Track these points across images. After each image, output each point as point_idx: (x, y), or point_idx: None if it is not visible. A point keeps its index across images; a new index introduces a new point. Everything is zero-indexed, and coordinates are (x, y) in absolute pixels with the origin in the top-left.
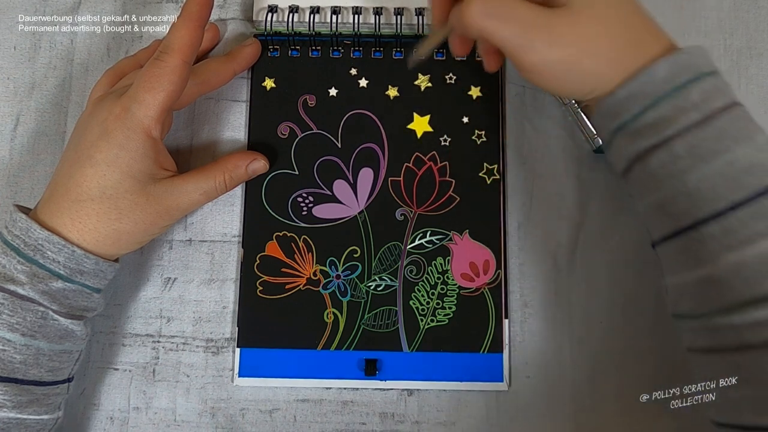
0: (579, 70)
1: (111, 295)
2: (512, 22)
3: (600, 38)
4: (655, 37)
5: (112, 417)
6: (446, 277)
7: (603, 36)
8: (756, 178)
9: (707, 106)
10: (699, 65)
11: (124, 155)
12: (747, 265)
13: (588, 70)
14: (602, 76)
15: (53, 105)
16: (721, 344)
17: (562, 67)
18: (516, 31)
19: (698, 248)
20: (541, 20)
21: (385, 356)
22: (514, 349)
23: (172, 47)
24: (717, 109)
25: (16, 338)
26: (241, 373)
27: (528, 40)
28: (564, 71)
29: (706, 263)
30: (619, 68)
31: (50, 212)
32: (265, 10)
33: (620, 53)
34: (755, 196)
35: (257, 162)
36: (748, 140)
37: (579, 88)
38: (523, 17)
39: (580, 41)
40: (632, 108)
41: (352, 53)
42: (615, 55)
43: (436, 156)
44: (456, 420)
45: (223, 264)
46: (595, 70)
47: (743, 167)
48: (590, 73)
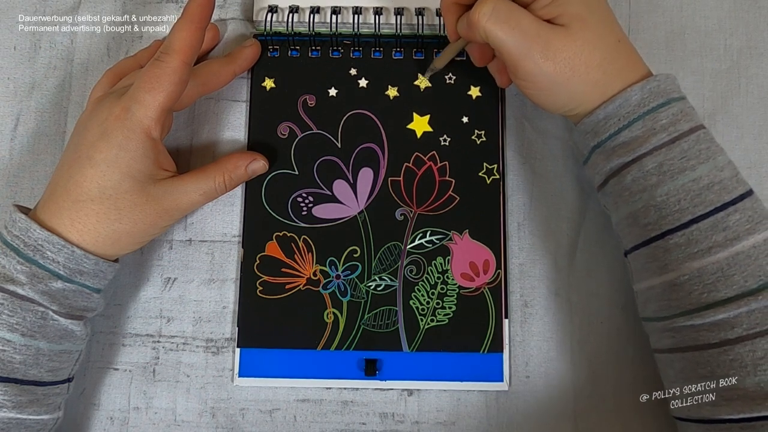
0: (567, 89)
1: (111, 295)
2: (516, 29)
3: (590, 63)
4: (635, 65)
5: (112, 417)
6: (446, 277)
7: (593, 61)
8: (716, 195)
9: (674, 129)
10: (669, 91)
11: (124, 156)
12: (706, 272)
13: (575, 90)
14: (586, 96)
15: (53, 105)
16: (682, 344)
17: (553, 80)
18: (518, 38)
19: (664, 256)
20: (542, 34)
21: (385, 356)
22: (514, 349)
23: (173, 48)
24: (683, 132)
25: (16, 338)
26: (241, 373)
27: (527, 49)
28: (554, 85)
29: (670, 270)
30: (602, 92)
31: (50, 212)
32: (265, 10)
33: (606, 78)
34: (715, 211)
35: (257, 162)
36: (709, 160)
37: (564, 104)
38: (527, 27)
39: (572, 62)
40: (609, 128)
41: (351, 53)
42: (601, 80)
43: (436, 156)
44: (456, 420)
45: (223, 264)
46: (582, 90)
47: (705, 185)
48: (577, 92)
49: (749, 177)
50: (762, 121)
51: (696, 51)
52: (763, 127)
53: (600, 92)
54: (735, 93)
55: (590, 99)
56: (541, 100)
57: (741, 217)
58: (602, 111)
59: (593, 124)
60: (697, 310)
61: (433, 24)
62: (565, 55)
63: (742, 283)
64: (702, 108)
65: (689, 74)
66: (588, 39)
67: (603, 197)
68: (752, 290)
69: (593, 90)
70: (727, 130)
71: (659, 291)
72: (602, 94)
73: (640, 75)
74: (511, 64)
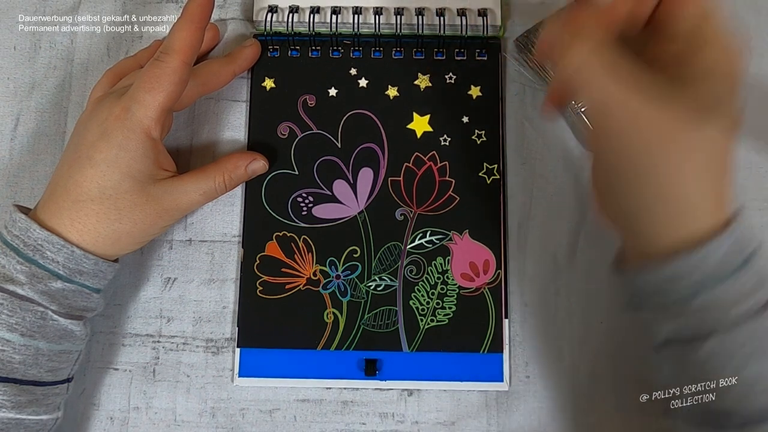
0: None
1: (111, 295)
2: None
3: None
4: (728, 193)
5: (112, 417)
6: (446, 277)
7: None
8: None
9: (765, 293)
10: (750, 238)
11: (124, 155)
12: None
13: (681, 192)
14: (694, 206)
15: (53, 105)
16: None
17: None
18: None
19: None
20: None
21: (385, 356)
22: (514, 349)
23: (173, 48)
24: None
25: (16, 338)
26: (241, 373)
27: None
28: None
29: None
30: (713, 209)
31: (50, 212)
32: (265, 10)
33: (719, 191)
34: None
35: (257, 162)
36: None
37: (655, 217)
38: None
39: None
40: (683, 287)
41: (351, 53)
42: (713, 191)
43: (436, 156)
44: (456, 420)
45: (223, 264)
46: (692, 192)
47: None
48: (682, 194)
49: (749, 177)
50: (763, 123)
51: None
52: (763, 127)
53: (711, 210)
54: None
55: (697, 213)
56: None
57: None
58: (679, 263)
59: (664, 278)
60: None
61: (433, 24)
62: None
63: None
64: None
65: None
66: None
67: (658, 359)
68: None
69: (702, 200)
70: None
71: None
72: (712, 214)
73: (721, 215)
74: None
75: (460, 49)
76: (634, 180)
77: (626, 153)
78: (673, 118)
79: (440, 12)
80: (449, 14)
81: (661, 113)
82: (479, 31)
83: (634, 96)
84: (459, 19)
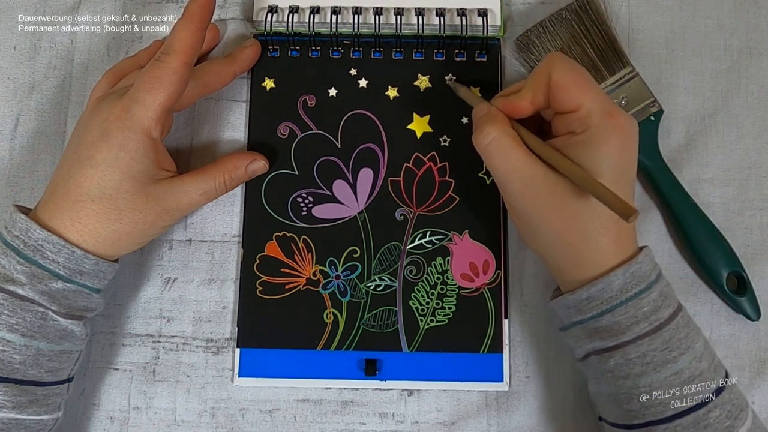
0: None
1: (111, 295)
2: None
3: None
4: (633, 239)
5: (112, 417)
6: (446, 278)
7: (604, 219)
8: (696, 390)
9: (656, 318)
10: (649, 274)
11: (124, 156)
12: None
13: (579, 248)
14: (590, 257)
15: (53, 105)
16: None
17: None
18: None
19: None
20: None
21: (384, 356)
22: (514, 349)
23: (174, 48)
24: (664, 320)
25: (16, 339)
26: (241, 373)
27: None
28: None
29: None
30: (612, 254)
31: (50, 213)
32: (265, 11)
33: (616, 239)
34: (696, 407)
35: (257, 162)
36: (689, 349)
37: (565, 258)
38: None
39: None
40: (592, 309)
41: (351, 53)
42: (608, 244)
43: (435, 156)
44: (456, 420)
45: (223, 264)
46: (588, 249)
47: (686, 378)
48: (580, 250)
49: (749, 177)
50: (762, 121)
51: (696, 51)
52: (763, 127)
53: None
54: (735, 93)
55: (596, 265)
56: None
57: (720, 413)
58: (585, 292)
59: (576, 302)
60: None
61: (433, 24)
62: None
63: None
64: (702, 108)
65: (689, 74)
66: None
67: (583, 367)
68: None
69: (606, 257)
70: (727, 130)
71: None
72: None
73: (633, 250)
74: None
75: (460, 50)
76: (539, 237)
77: (525, 214)
78: (563, 190)
79: (440, 12)
80: (449, 14)
81: (555, 185)
82: (479, 32)
83: (531, 168)
84: (459, 20)
